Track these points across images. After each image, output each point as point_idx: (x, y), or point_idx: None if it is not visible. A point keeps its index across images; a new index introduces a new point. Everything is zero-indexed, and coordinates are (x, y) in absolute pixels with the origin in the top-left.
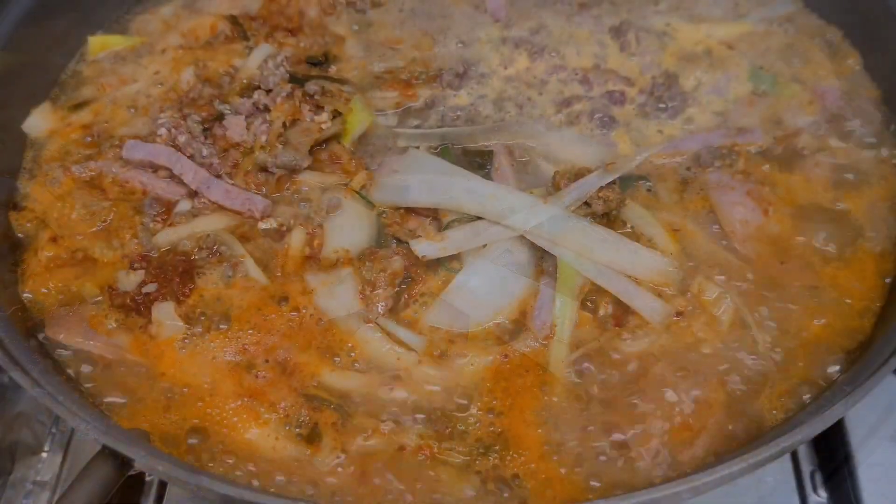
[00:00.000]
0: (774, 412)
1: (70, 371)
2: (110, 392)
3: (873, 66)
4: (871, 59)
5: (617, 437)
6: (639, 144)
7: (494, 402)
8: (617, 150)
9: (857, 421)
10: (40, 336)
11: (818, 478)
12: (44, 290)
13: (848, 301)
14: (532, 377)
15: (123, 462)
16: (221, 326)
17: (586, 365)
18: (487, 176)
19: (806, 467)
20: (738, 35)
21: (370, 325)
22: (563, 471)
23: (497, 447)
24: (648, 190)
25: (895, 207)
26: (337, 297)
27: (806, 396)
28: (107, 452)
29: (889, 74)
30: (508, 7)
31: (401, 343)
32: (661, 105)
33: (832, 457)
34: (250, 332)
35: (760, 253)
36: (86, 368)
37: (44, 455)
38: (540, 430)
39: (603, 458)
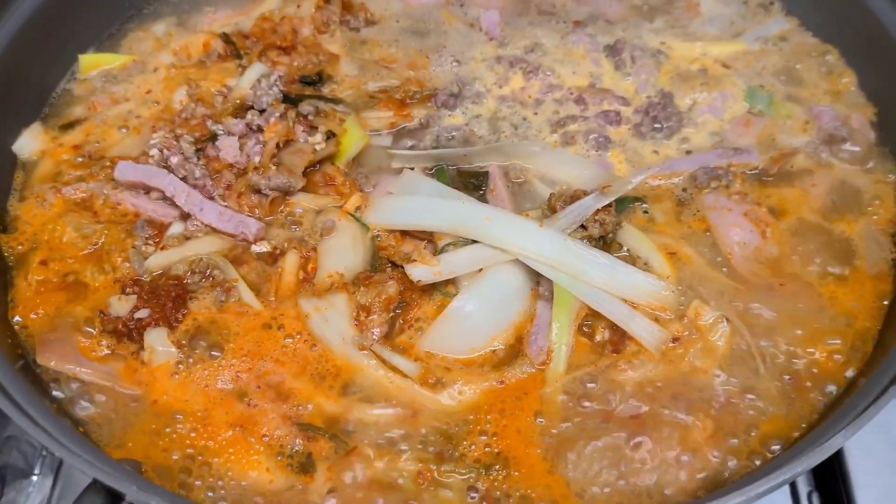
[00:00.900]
0: (773, 441)
1: (60, 399)
2: (102, 420)
3: (868, 85)
4: (865, 77)
5: (614, 464)
6: (635, 165)
7: (488, 426)
8: (613, 170)
9: (855, 443)
10: (30, 362)
11: (815, 499)
12: (34, 315)
13: (847, 324)
14: (528, 401)
15: (115, 495)
16: (214, 353)
17: (583, 391)
18: (483, 197)
19: (803, 488)
20: (733, 54)
21: (365, 352)
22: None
23: (497, 466)
24: (645, 212)
25: (892, 227)
26: (331, 323)
27: (805, 424)
28: (98, 485)
29: (884, 93)
30: (503, 25)
31: (396, 370)
32: (657, 125)
33: (830, 478)
34: (244, 358)
35: (758, 275)
36: (77, 396)
37: (34, 478)
38: (537, 452)
39: (601, 485)
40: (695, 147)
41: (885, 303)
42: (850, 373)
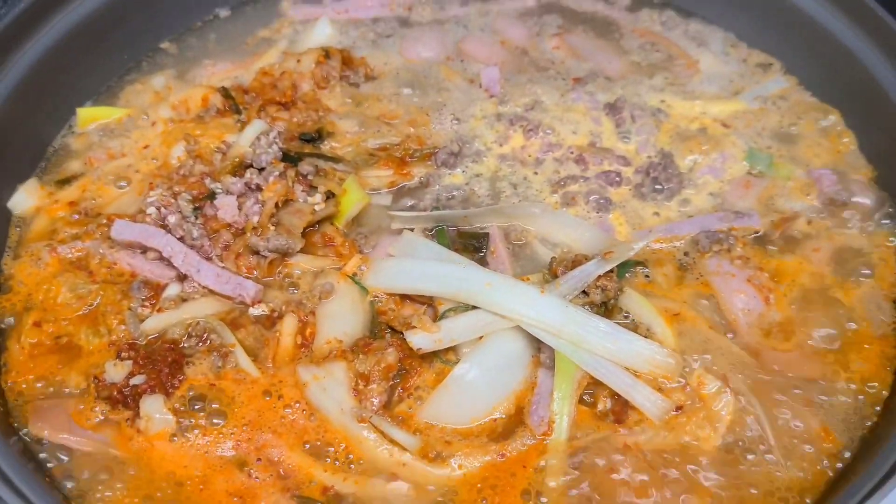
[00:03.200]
0: None
1: (53, 471)
2: (95, 493)
3: (868, 147)
4: (865, 139)
5: None
6: (635, 227)
7: (489, 500)
8: (614, 232)
9: None
10: (22, 432)
11: None
12: (26, 381)
13: (853, 389)
14: (528, 473)
15: None
16: (214, 421)
17: (583, 462)
18: (483, 259)
19: None
20: (732, 113)
21: (364, 424)
22: None
23: None
24: (646, 276)
25: (894, 293)
26: (329, 392)
27: (811, 501)
28: None
29: (884, 155)
30: (503, 82)
31: (395, 443)
32: (658, 186)
33: None
34: (244, 428)
35: (762, 343)
36: (70, 467)
37: None
38: None
39: None
40: (695, 209)
41: (890, 369)
42: (856, 447)
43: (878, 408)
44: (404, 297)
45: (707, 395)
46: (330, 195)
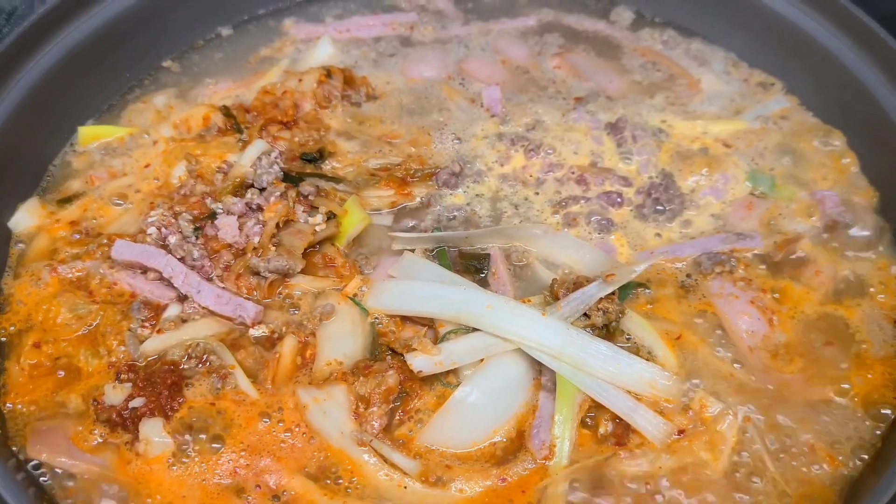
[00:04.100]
0: None
1: (51, 493)
2: None
3: (870, 169)
4: (867, 160)
5: None
6: (637, 248)
7: None
8: (615, 253)
9: None
10: (20, 456)
11: None
12: (24, 403)
13: (857, 411)
14: (529, 498)
15: None
16: (213, 445)
17: (585, 488)
18: (484, 281)
19: None
20: (734, 133)
21: (364, 448)
22: None
23: None
24: (648, 298)
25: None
26: (329, 415)
27: None
28: None
29: (886, 177)
30: (504, 101)
31: (396, 467)
32: (659, 207)
33: None
34: (242, 453)
35: (767, 365)
36: (69, 491)
37: None
38: None
39: None
40: (697, 230)
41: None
42: (862, 469)
43: (883, 430)
44: (405, 319)
45: (710, 419)
46: (331, 215)
